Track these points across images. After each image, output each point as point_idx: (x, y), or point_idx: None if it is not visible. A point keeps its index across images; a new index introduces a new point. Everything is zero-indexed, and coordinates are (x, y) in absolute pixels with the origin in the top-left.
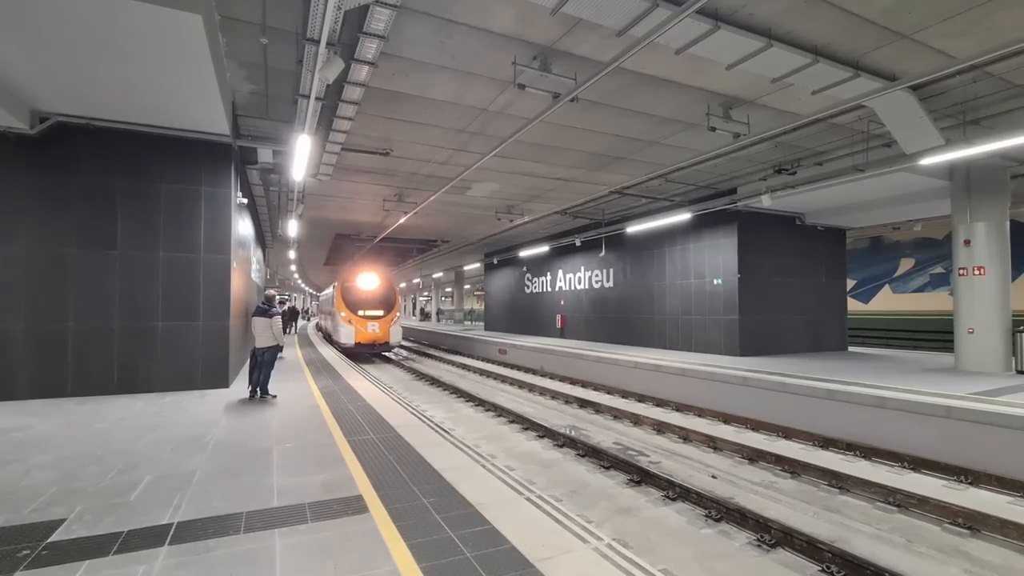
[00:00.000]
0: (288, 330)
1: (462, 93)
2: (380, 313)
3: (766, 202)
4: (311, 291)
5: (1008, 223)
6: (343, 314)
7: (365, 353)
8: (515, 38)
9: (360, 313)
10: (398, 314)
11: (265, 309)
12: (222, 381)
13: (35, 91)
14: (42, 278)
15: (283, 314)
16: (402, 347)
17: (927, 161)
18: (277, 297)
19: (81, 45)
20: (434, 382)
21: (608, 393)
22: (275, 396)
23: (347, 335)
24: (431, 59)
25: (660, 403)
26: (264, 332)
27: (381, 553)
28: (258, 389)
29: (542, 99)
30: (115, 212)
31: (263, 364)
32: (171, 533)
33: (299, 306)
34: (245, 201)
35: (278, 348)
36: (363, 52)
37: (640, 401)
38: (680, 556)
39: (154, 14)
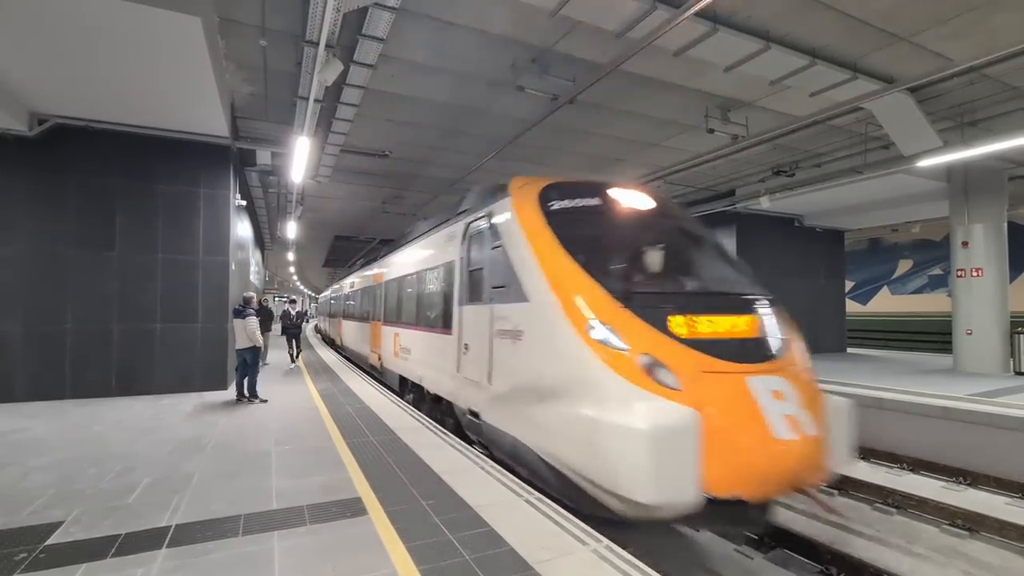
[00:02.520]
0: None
1: (461, 95)
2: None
3: (765, 204)
4: (310, 293)
5: (1006, 224)
6: (619, 346)
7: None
8: (514, 40)
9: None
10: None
11: (240, 310)
12: (221, 383)
13: (33, 93)
14: (40, 280)
15: (286, 315)
16: None
17: (925, 163)
18: (255, 298)
19: (80, 47)
20: None
21: None
22: (265, 400)
23: (676, 468)
24: (430, 61)
25: None
26: (241, 333)
27: (380, 555)
28: (244, 392)
29: (541, 101)
30: (113, 214)
31: (249, 366)
32: (169, 536)
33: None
34: (244, 203)
35: (257, 349)
36: (362, 54)
37: None
38: (679, 558)
39: (153, 16)
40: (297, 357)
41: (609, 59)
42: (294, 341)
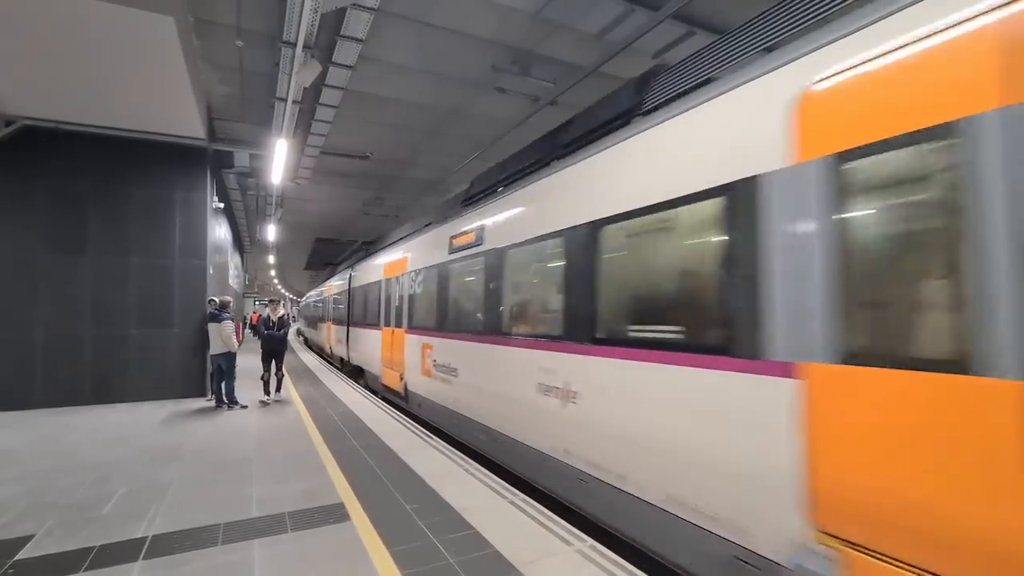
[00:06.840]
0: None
1: (442, 96)
2: None
3: None
4: (291, 296)
5: None
6: None
7: None
8: (495, 42)
9: None
10: None
11: (216, 314)
12: (200, 390)
13: (1, 94)
14: (8, 285)
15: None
16: None
17: None
18: (232, 303)
19: (49, 47)
20: None
21: None
22: (245, 406)
23: None
24: (410, 62)
25: None
26: (216, 338)
27: (363, 561)
28: (224, 399)
29: (522, 103)
30: (85, 217)
31: (224, 372)
32: (145, 547)
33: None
34: (221, 205)
35: (232, 355)
36: (341, 55)
37: None
38: None
39: (124, 16)
40: (279, 388)
41: (590, 61)
42: (274, 361)
